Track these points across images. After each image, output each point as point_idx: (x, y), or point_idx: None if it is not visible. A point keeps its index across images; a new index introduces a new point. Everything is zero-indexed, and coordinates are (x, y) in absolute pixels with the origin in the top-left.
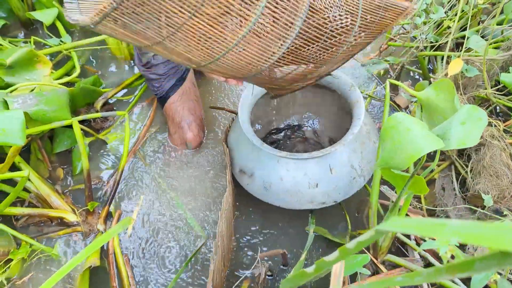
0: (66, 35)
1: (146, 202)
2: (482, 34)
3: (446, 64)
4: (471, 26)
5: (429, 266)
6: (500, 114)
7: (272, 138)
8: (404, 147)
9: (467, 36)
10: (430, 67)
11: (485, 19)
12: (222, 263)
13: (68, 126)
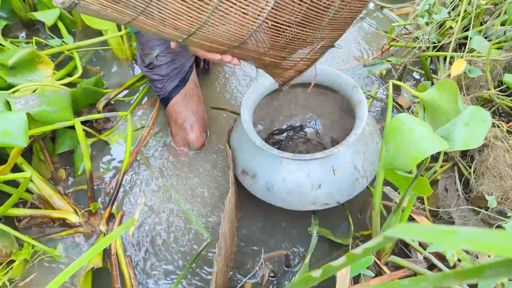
0: (68, 36)
1: (148, 203)
2: (484, 35)
3: (449, 65)
4: (473, 26)
5: (432, 267)
6: (502, 115)
7: (274, 138)
8: (407, 148)
9: (470, 36)
10: (432, 68)
11: (487, 20)
12: (225, 264)
13: (70, 126)
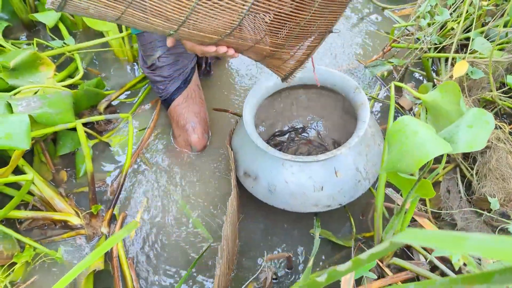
0: (69, 37)
1: (150, 204)
2: (486, 36)
3: (451, 66)
4: (475, 27)
5: (435, 269)
6: (504, 116)
7: (276, 140)
8: (411, 150)
9: (472, 38)
10: (434, 69)
11: (489, 21)
12: (227, 266)
13: (71, 128)
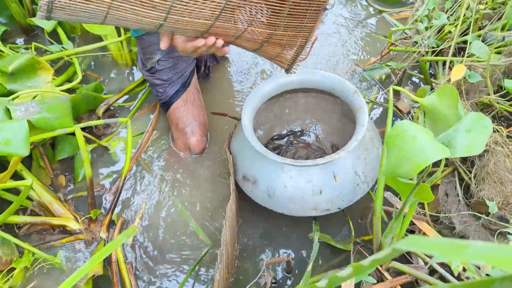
0: (68, 42)
1: (149, 209)
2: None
3: (448, 70)
4: (472, 31)
5: (433, 273)
6: (502, 119)
7: (274, 143)
8: (410, 156)
9: (469, 41)
10: (432, 72)
11: (486, 24)
12: (227, 270)
13: (70, 133)
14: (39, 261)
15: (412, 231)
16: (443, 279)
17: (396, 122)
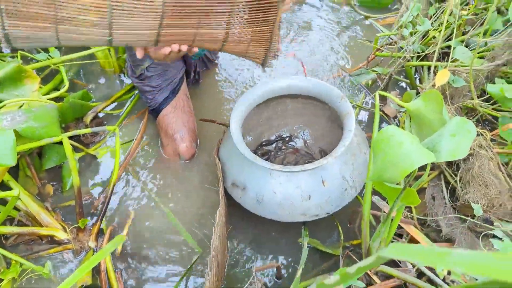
0: (55, 50)
1: (138, 217)
2: (466, 45)
3: (433, 74)
4: (456, 36)
5: (421, 276)
6: (485, 122)
7: (263, 149)
8: (396, 161)
9: (453, 46)
10: (417, 76)
11: (469, 30)
12: (217, 278)
13: (57, 141)
14: (27, 271)
15: (400, 235)
16: (431, 281)
17: (382, 126)
